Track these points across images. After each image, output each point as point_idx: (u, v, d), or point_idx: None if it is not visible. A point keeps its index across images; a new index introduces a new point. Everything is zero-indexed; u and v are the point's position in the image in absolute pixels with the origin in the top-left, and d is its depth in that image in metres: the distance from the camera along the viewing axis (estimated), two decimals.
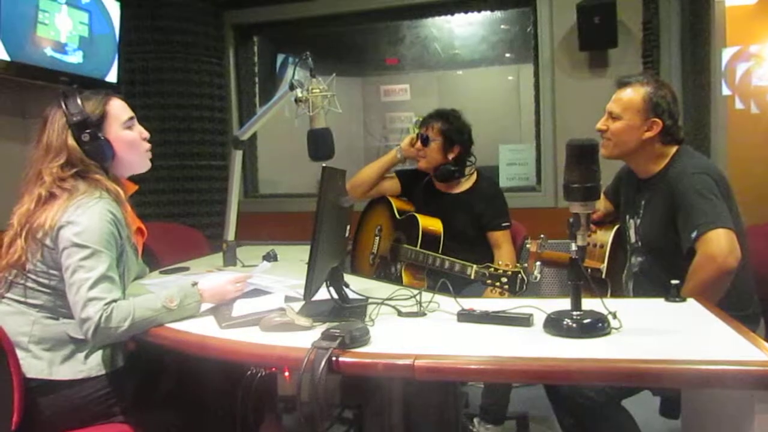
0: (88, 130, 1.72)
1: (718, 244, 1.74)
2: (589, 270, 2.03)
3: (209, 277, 1.81)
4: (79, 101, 1.74)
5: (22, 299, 1.65)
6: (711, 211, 1.79)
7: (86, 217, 1.61)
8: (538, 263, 2.09)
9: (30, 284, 1.65)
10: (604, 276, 2.12)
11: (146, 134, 1.89)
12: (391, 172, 2.92)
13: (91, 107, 1.76)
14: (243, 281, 1.79)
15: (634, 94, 1.96)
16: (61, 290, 1.62)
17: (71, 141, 1.71)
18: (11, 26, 2.80)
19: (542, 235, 2.17)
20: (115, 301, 1.54)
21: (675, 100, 1.98)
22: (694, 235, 1.78)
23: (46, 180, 1.68)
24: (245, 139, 2.43)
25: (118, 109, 1.82)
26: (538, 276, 2.06)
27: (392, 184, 2.88)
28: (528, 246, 2.16)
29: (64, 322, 1.64)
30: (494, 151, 4.01)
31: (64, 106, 1.73)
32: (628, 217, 2.11)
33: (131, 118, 1.84)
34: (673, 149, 1.98)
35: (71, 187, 1.68)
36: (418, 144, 2.72)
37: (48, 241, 1.62)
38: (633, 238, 2.06)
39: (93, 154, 1.74)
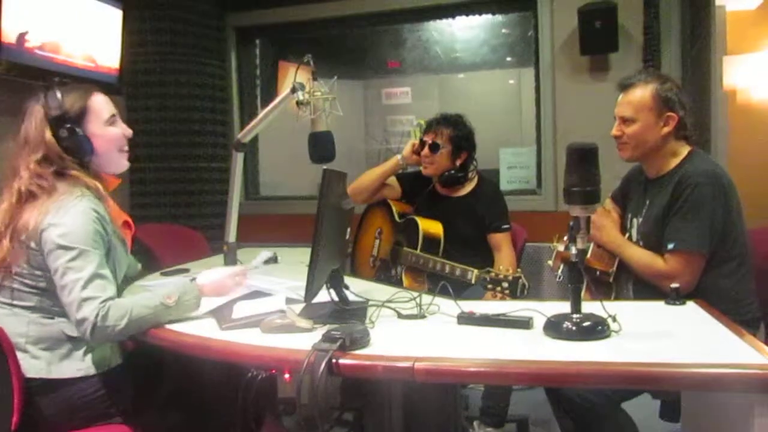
0: (66, 125, 1.67)
1: (684, 267, 1.85)
2: (598, 272, 2.03)
3: (208, 272, 1.79)
4: (59, 95, 1.68)
5: (9, 301, 1.63)
6: (695, 232, 1.85)
7: (69, 218, 1.57)
8: (562, 264, 2.09)
9: (17, 286, 1.62)
10: (612, 279, 2.12)
11: (129, 132, 1.83)
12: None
13: (71, 101, 1.70)
14: (242, 275, 1.78)
15: (642, 94, 1.95)
16: (50, 291, 1.60)
17: (49, 136, 1.66)
18: (10, 27, 2.81)
19: (566, 237, 2.16)
20: (111, 299, 1.53)
21: (681, 91, 1.98)
22: (671, 246, 1.87)
23: (23, 175, 1.64)
24: (247, 142, 2.43)
25: (100, 104, 1.76)
26: (562, 276, 2.06)
27: (392, 189, 2.87)
28: (556, 246, 2.14)
29: (59, 321, 1.62)
30: (495, 155, 4.01)
31: (43, 100, 1.68)
32: (631, 216, 2.11)
33: (113, 115, 1.78)
34: (686, 150, 1.98)
35: (50, 187, 1.63)
36: (426, 151, 2.67)
37: (32, 244, 1.59)
38: (635, 238, 2.06)
39: (71, 150, 1.68)
